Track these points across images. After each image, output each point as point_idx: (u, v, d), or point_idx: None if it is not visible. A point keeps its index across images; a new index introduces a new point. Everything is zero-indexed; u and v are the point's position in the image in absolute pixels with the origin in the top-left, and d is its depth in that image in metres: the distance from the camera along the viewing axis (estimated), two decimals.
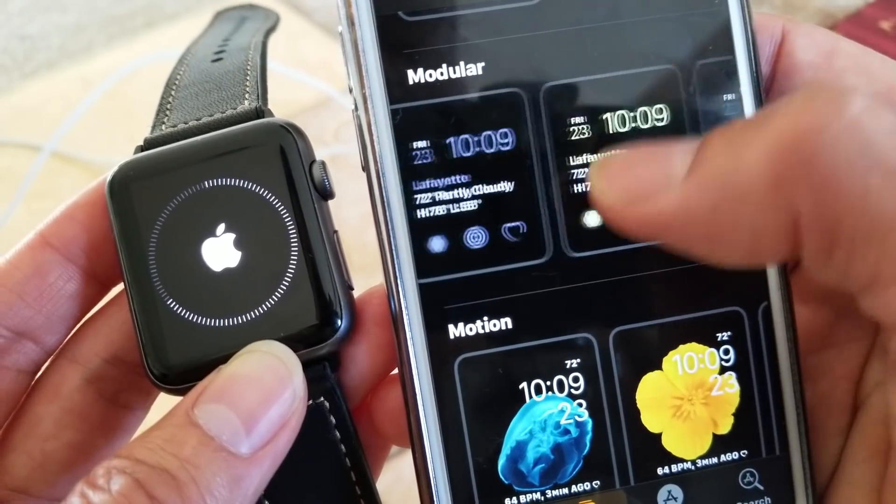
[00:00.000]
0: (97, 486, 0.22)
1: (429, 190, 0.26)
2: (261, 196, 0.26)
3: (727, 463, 0.27)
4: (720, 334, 0.27)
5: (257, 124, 0.27)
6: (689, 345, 0.27)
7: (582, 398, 0.27)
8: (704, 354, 0.27)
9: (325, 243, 0.26)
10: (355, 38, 0.25)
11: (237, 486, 0.23)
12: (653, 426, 0.27)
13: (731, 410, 0.27)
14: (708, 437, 0.27)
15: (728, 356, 0.27)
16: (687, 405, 0.27)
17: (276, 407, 0.24)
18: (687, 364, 0.27)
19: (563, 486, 0.27)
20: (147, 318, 0.26)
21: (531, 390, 0.27)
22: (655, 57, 0.26)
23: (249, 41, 0.32)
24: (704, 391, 0.27)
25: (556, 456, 0.27)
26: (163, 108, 0.29)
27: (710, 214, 0.21)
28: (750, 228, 0.21)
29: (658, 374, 0.27)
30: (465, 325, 0.26)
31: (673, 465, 0.27)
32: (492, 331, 0.26)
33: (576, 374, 0.27)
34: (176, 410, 0.24)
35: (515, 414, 0.27)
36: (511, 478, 0.27)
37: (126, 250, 0.26)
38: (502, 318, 0.26)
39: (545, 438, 0.27)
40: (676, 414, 0.27)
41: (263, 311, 0.26)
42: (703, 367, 0.27)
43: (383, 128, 0.26)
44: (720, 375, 0.27)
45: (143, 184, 0.26)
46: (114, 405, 0.29)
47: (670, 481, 0.27)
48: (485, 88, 0.26)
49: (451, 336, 0.26)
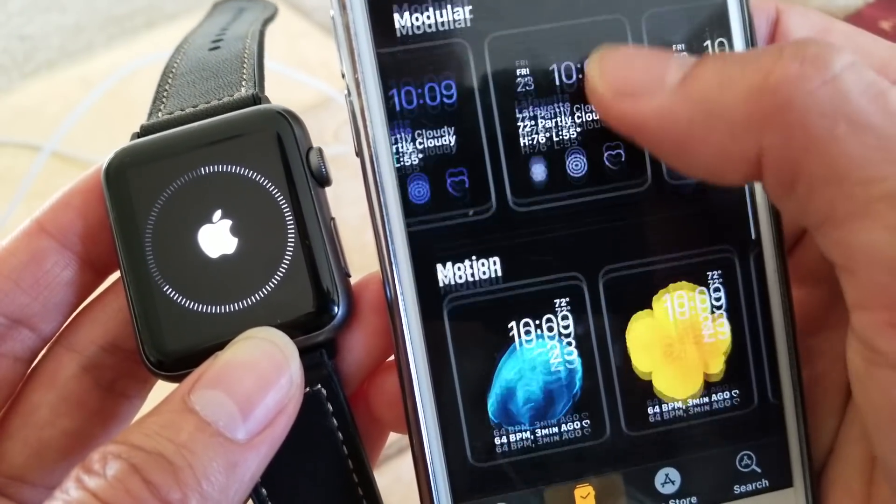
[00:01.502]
0: (93, 471, 0.22)
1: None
2: (257, 183, 0.26)
3: (719, 408, 0.27)
4: (711, 274, 0.27)
5: (254, 111, 0.27)
6: (679, 285, 0.27)
7: (572, 339, 0.27)
8: (695, 295, 0.27)
9: (322, 230, 0.26)
10: (347, 22, 0.25)
11: (233, 472, 0.23)
12: (643, 367, 0.27)
13: (722, 352, 0.27)
14: (699, 378, 0.27)
15: (719, 297, 0.27)
16: (678, 347, 0.27)
17: (272, 393, 0.24)
18: (677, 305, 0.27)
19: (552, 426, 0.27)
20: (143, 306, 0.26)
21: (520, 332, 0.26)
22: (651, 37, 0.26)
23: (247, 30, 0.32)
24: (695, 332, 0.27)
25: (545, 396, 0.27)
26: (159, 96, 0.29)
27: (686, 126, 0.23)
28: (717, 148, 0.23)
29: (648, 316, 0.27)
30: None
31: (663, 407, 0.27)
32: (482, 280, 0.26)
33: (565, 315, 0.27)
34: (172, 396, 0.24)
35: (505, 354, 0.26)
36: (500, 417, 0.26)
37: (122, 237, 0.26)
38: (491, 260, 0.26)
39: (535, 379, 0.27)
40: (667, 355, 0.27)
41: (260, 298, 0.26)
42: (693, 308, 0.27)
43: (376, 112, 0.26)
44: (711, 317, 0.27)
45: (140, 170, 0.26)
46: (110, 393, 0.29)
47: (665, 450, 0.27)
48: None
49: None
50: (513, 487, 0.27)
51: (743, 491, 0.27)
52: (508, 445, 0.27)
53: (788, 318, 0.27)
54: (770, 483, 0.27)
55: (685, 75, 0.23)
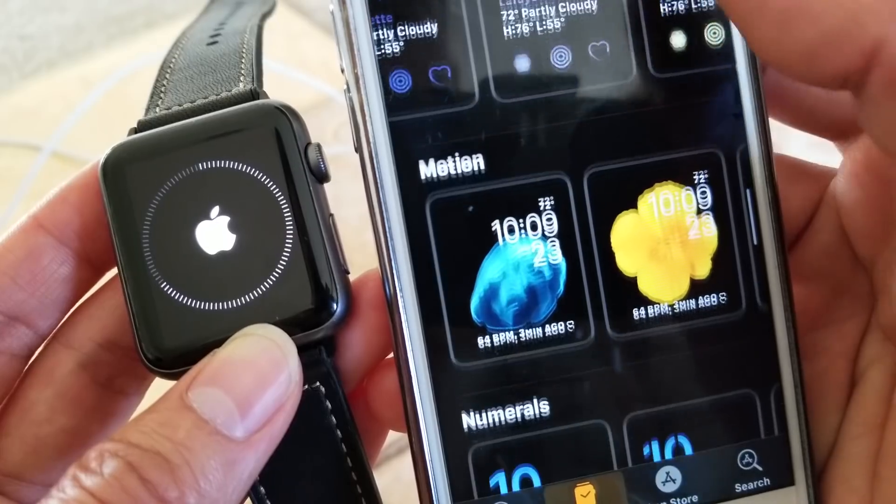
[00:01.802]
0: (89, 469, 0.22)
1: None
2: (256, 178, 0.26)
3: (706, 310, 0.27)
4: (697, 175, 0.27)
5: (252, 106, 0.27)
6: (665, 185, 0.26)
7: (555, 239, 0.26)
8: (681, 195, 0.27)
9: (321, 226, 0.26)
10: (346, 17, 0.25)
11: (231, 470, 0.23)
12: (628, 268, 0.26)
13: (708, 253, 0.27)
14: (685, 280, 0.27)
15: (705, 197, 0.27)
16: (663, 247, 0.27)
17: (271, 391, 0.24)
18: (663, 205, 0.26)
19: (536, 326, 0.26)
20: (141, 302, 0.26)
21: (504, 231, 0.26)
22: None
23: (245, 25, 0.32)
24: (681, 233, 0.27)
25: (529, 297, 0.26)
26: (157, 91, 0.29)
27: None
28: (830, 26, 0.20)
29: (633, 215, 0.26)
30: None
31: (649, 309, 0.27)
32: (464, 177, 0.26)
33: (549, 215, 0.26)
34: (170, 394, 0.23)
35: (488, 254, 0.26)
36: (484, 318, 0.26)
37: (120, 233, 0.26)
38: (474, 156, 0.26)
39: (518, 279, 0.26)
40: (653, 256, 0.26)
41: (258, 295, 0.26)
42: (679, 207, 0.27)
43: (376, 107, 0.25)
44: (697, 217, 0.27)
45: (137, 166, 0.26)
46: (108, 390, 0.28)
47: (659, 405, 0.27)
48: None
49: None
50: (499, 391, 0.26)
51: (744, 489, 0.27)
52: (492, 346, 0.26)
53: (789, 313, 0.27)
54: (771, 481, 0.27)
55: None
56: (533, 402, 0.26)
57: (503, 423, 0.26)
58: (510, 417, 0.26)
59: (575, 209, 0.26)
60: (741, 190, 0.27)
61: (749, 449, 0.27)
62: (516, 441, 0.26)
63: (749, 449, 0.27)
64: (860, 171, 0.27)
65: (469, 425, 0.26)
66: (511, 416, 0.26)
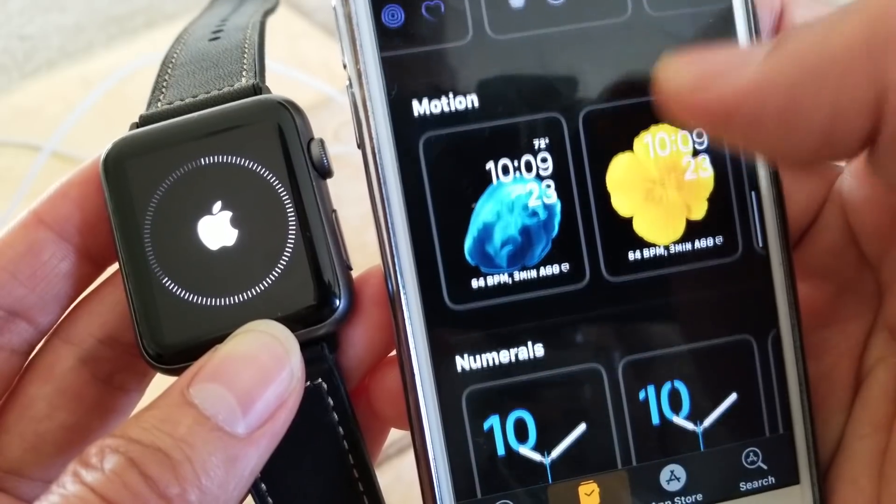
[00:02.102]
0: (90, 464, 0.22)
1: None
2: (258, 174, 0.26)
3: (702, 253, 0.26)
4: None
5: (254, 101, 0.26)
6: (661, 125, 0.26)
7: (550, 180, 0.26)
8: (677, 136, 0.26)
9: (324, 222, 0.26)
10: (349, 13, 0.25)
11: (233, 467, 0.22)
12: (624, 209, 0.26)
13: (704, 195, 0.26)
14: (681, 221, 0.26)
15: (701, 138, 0.26)
16: (659, 188, 0.26)
17: (273, 387, 0.24)
18: (659, 145, 0.26)
19: (530, 269, 0.26)
20: (142, 298, 0.26)
21: (498, 171, 0.26)
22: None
23: (247, 21, 0.32)
24: (677, 174, 0.26)
25: (523, 238, 0.26)
26: (158, 86, 0.29)
27: (789, 90, 0.20)
28: (830, 105, 0.20)
29: (629, 156, 0.26)
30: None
31: (645, 251, 0.26)
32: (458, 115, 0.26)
33: (544, 156, 0.26)
34: (171, 390, 0.23)
35: (482, 194, 0.26)
36: (477, 259, 0.26)
37: (121, 228, 0.26)
38: (469, 96, 0.25)
39: (512, 220, 0.26)
40: (648, 197, 0.26)
41: (260, 291, 0.26)
42: (675, 148, 0.26)
43: (378, 103, 0.25)
44: (693, 158, 0.26)
45: (139, 161, 0.26)
46: (108, 386, 0.28)
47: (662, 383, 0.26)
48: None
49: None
50: (490, 333, 0.26)
51: (749, 488, 0.27)
52: (486, 288, 0.26)
53: (794, 313, 0.27)
54: (776, 480, 0.27)
55: (772, 47, 0.21)
56: (527, 345, 0.26)
57: (497, 364, 0.26)
58: (504, 359, 0.26)
59: (570, 149, 0.26)
60: None
61: (754, 447, 0.27)
62: (510, 384, 0.26)
63: (754, 447, 0.27)
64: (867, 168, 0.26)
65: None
66: (505, 359, 0.26)
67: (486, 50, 0.25)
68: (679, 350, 0.27)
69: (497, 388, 0.26)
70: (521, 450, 0.26)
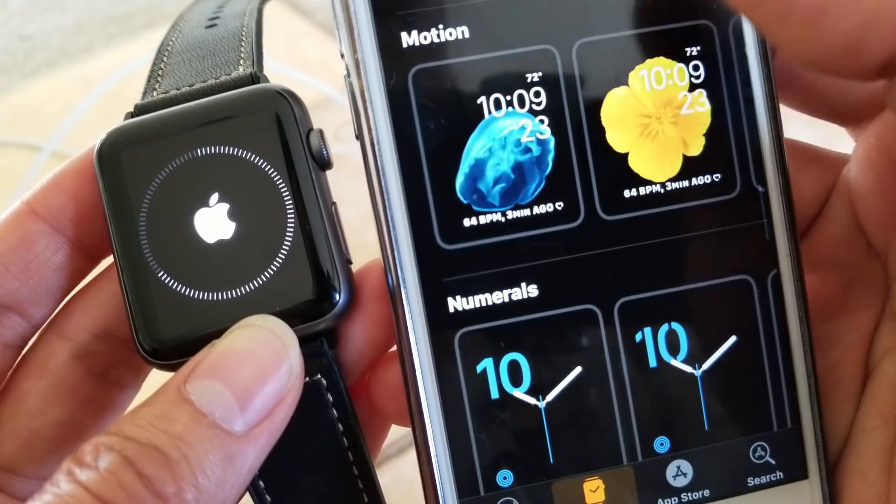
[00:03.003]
0: (84, 463, 0.21)
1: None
2: (256, 165, 0.25)
3: (699, 190, 0.26)
4: (689, 49, 0.26)
5: (252, 90, 0.26)
6: (656, 59, 0.26)
7: (543, 115, 0.25)
8: (673, 70, 0.26)
9: (323, 215, 0.25)
10: (346, 1, 0.25)
11: (231, 465, 0.22)
12: (619, 145, 0.26)
13: (701, 130, 0.26)
14: (678, 158, 0.26)
15: (698, 72, 0.26)
16: (655, 123, 0.26)
17: (271, 383, 0.23)
18: (654, 79, 0.26)
19: (524, 208, 0.26)
20: (137, 292, 0.25)
21: (490, 105, 0.25)
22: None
23: (245, 8, 0.31)
24: (673, 109, 0.26)
25: (516, 175, 0.25)
26: (154, 75, 0.28)
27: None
28: (863, 16, 0.19)
29: (624, 90, 0.26)
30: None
31: (641, 188, 0.26)
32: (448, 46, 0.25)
33: (537, 90, 0.25)
34: (167, 386, 0.23)
35: (474, 129, 0.25)
36: (470, 197, 0.25)
37: (115, 220, 0.25)
38: (459, 28, 0.25)
39: (505, 156, 0.25)
40: (644, 133, 0.26)
41: (258, 285, 0.25)
42: (671, 83, 0.26)
43: (376, 93, 0.25)
44: (689, 93, 0.26)
45: (134, 151, 0.25)
46: (103, 382, 0.28)
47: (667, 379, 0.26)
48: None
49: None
50: (485, 273, 0.26)
51: (757, 483, 0.26)
52: (478, 227, 0.25)
53: (794, 253, 0.26)
54: (784, 475, 0.26)
55: None
56: (521, 286, 0.26)
57: (491, 305, 0.26)
58: (497, 300, 0.26)
59: (564, 84, 0.25)
60: (734, 66, 0.26)
61: (761, 442, 0.26)
62: (505, 325, 0.26)
63: (761, 442, 0.26)
64: (874, 156, 0.26)
65: (460, 311, 0.26)
66: (499, 299, 0.26)
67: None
68: (677, 291, 0.26)
69: (490, 331, 0.26)
70: (527, 447, 0.26)
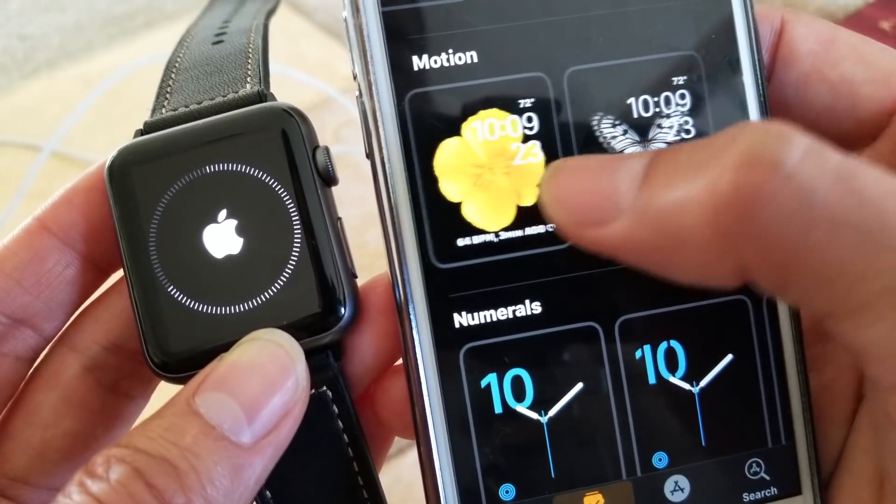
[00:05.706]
0: (96, 475, 0.22)
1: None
2: (263, 182, 0.26)
3: (532, 236, 0.26)
4: (522, 102, 0.26)
5: (259, 108, 0.26)
6: (490, 111, 0.26)
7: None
8: (506, 121, 0.26)
9: (329, 230, 0.26)
10: (360, 24, 0.25)
11: (238, 476, 0.22)
12: (452, 195, 0.26)
13: (535, 181, 0.26)
14: (511, 208, 0.26)
15: (531, 123, 0.26)
16: (488, 174, 0.26)
17: (278, 396, 0.24)
18: (487, 131, 0.26)
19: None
20: (147, 306, 0.26)
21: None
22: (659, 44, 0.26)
23: (251, 23, 0.31)
24: (506, 160, 0.26)
25: None
26: (163, 92, 0.28)
27: (656, 249, 0.22)
28: (697, 264, 0.21)
29: (457, 141, 0.26)
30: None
31: (475, 238, 0.26)
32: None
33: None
34: (177, 399, 0.23)
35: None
36: None
37: (126, 236, 0.26)
38: None
39: None
40: (477, 183, 0.26)
41: (266, 299, 0.25)
42: (504, 134, 0.26)
43: (388, 114, 0.25)
44: (523, 144, 0.26)
45: (144, 168, 0.26)
46: (113, 394, 0.28)
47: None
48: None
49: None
50: (490, 290, 0.26)
51: (752, 499, 0.27)
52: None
53: (795, 326, 0.27)
54: (779, 490, 0.27)
55: (637, 196, 0.22)
56: (525, 303, 0.26)
57: (496, 321, 0.26)
58: (502, 317, 0.26)
59: (399, 133, 0.26)
60: (568, 115, 0.26)
61: (757, 458, 0.27)
62: (509, 341, 0.26)
63: (757, 458, 0.27)
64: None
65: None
66: (503, 316, 0.26)
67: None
68: (675, 310, 0.26)
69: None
70: (529, 461, 0.26)
